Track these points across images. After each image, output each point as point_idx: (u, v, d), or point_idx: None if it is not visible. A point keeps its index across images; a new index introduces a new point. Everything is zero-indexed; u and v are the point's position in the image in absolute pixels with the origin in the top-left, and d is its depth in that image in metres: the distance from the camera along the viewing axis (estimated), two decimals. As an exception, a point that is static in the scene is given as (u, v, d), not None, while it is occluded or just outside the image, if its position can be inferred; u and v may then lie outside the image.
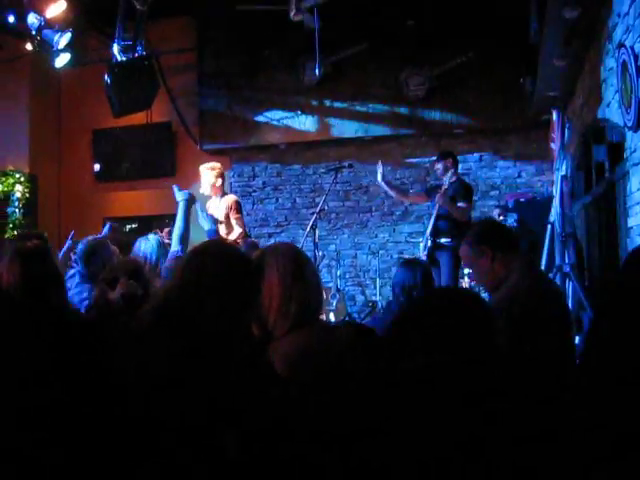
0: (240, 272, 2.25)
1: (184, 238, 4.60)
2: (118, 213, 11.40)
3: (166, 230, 6.64)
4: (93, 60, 10.26)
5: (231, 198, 6.93)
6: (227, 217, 6.74)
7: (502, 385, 1.68)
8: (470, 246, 3.30)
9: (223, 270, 2.21)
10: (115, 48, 8.83)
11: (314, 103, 10.46)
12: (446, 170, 7.17)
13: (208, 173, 6.86)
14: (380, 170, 7.37)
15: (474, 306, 1.81)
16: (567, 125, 6.10)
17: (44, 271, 3.11)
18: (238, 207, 6.81)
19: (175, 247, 4.54)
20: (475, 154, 10.32)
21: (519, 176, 10.20)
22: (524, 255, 3.31)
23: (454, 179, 7.09)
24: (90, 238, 4.70)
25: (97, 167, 11.57)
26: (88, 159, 11.63)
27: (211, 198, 6.98)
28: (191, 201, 5.12)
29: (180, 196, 4.97)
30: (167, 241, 7.14)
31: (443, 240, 6.90)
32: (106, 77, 8.79)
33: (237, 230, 6.68)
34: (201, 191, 6.94)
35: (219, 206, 6.83)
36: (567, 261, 5.61)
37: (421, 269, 4.48)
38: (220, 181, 6.89)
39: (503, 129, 9.97)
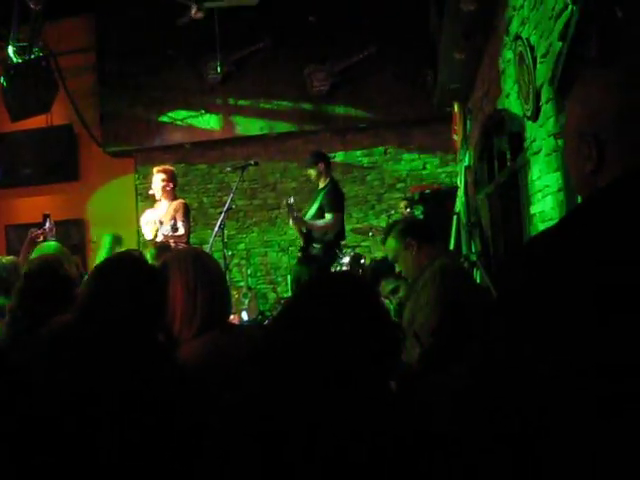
0: (142, 282, 2.33)
1: None
2: (21, 220, 10.97)
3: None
4: (-13, 63, 9.92)
5: (179, 202, 6.81)
6: (174, 219, 6.55)
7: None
8: (396, 240, 3.62)
9: (126, 281, 2.29)
10: (10, 50, 8.57)
11: (218, 102, 10.39)
12: (319, 175, 6.98)
13: (157, 177, 6.76)
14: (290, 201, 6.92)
15: (348, 289, 1.82)
16: (468, 117, 6.24)
17: None
18: (185, 211, 6.70)
19: None
20: (380, 147, 10.43)
21: (424, 168, 10.37)
22: (442, 245, 3.60)
23: (326, 184, 6.95)
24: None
25: (-3, 173, 11.19)
26: (-14, 165, 11.21)
27: (160, 201, 6.86)
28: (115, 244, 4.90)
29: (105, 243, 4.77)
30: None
31: (315, 251, 6.41)
32: (2, 80, 8.52)
33: (180, 231, 6.51)
34: (150, 192, 6.93)
35: (167, 209, 6.71)
36: (473, 250, 5.75)
37: (316, 264, 4.55)
38: (171, 185, 6.79)
39: (407, 122, 10.10)
